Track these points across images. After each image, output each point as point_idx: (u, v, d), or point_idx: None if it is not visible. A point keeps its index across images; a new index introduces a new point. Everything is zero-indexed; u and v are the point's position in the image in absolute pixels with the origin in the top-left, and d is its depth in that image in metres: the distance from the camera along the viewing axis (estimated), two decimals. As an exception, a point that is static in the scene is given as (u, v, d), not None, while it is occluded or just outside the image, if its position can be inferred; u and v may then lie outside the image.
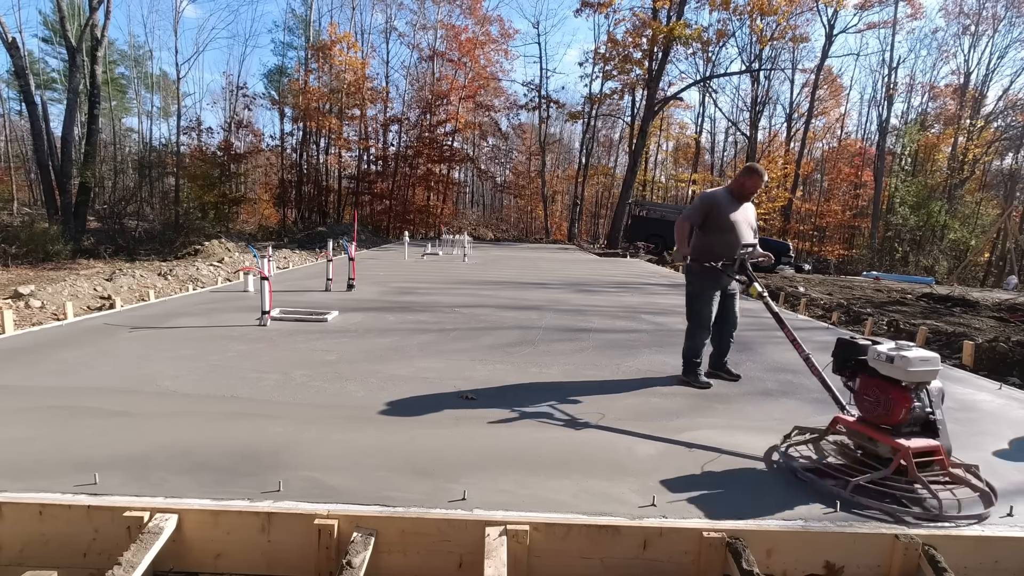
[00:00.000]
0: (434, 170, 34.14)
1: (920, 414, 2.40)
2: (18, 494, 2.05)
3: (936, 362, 2.37)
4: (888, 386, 2.41)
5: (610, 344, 5.15)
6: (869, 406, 2.52)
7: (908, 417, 2.38)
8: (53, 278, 10.48)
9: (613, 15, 31.13)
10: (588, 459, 2.59)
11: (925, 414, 2.41)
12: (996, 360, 5.39)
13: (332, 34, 30.69)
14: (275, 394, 3.37)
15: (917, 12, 31.44)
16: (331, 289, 8.02)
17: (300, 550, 1.97)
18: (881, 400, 2.44)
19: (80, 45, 20.38)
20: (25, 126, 27.22)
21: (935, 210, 27.82)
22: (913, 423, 2.41)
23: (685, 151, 43.14)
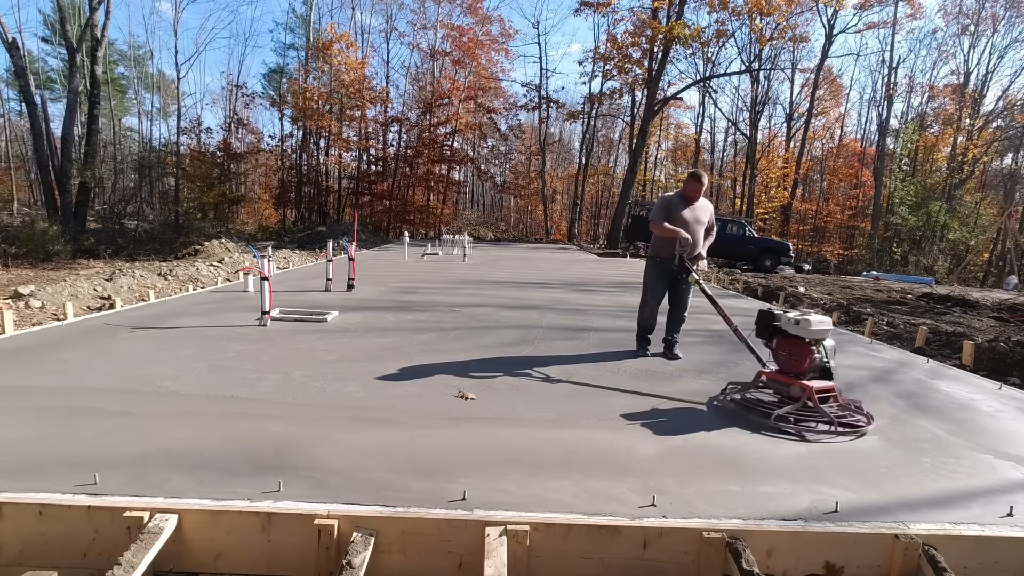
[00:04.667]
0: (434, 170, 34.14)
1: (819, 364, 3.21)
2: (18, 494, 2.04)
3: (829, 324, 3.17)
4: (797, 343, 3.23)
5: (610, 343, 5.15)
6: (783, 360, 3.31)
7: (811, 366, 3.20)
8: (53, 278, 10.48)
9: (612, 15, 31.18)
10: (588, 459, 2.59)
11: (823, 364, 3.22)
12: (996, 360, 5.39)
13: (331, 33, 30.69)
14: (275, 394, 3.37)
15: (917, 12, 31.50)
16: (331, 289, 8.02)
17: (300, 550, 1.97)
18: (792, 354, 3.25)
19: (80, 45, 20.38)
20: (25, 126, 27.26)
21: (935, 210, 27.83)
22: (814, 370, 3.22)
23: (684, 151, 43.15)
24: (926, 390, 4.08)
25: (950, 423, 3.34)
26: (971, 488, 2.46)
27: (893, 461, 2.72)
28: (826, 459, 2.71)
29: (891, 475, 2.55)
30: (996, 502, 2.31)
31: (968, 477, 2.58)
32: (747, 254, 21.20)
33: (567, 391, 3.68)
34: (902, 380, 4.35)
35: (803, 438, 2.92)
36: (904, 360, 5.10)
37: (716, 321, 6.67)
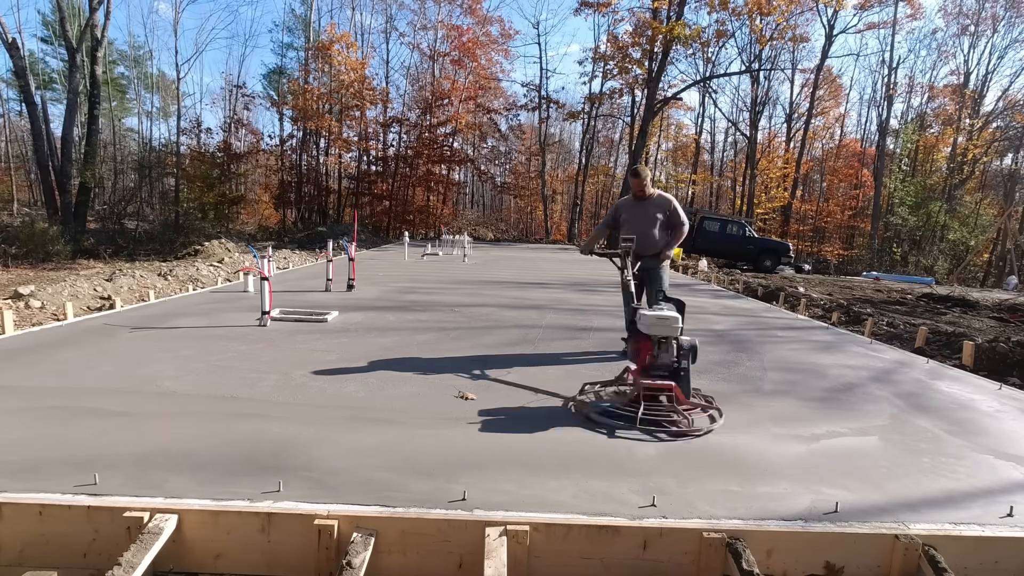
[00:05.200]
0: (434, 170, 34.13)
1: (667, 362, 3.13)
2: (18, 494, 2.04)
3: (673, 321, 3.09)
4: (640, 338, 3.20)
5: (610, 343, 5.15)
6: (631, 355, 3.34)
7: (653, 362, 3.14)
8: (53, 278, 10.48)
9: (612, 15, 31.19)
10: (588, 459, 2.59)
11: (672, 363, 3.12)
12: (996, 360, 5.39)
13: (331, 34, 30.69)
14: (275, 394, 3.37)
15: (917, 12, 31.51)
16: (331, 289, 8.02)
17: (300, 550, 1.97)
18: (635, 349, 3.25)
19: (80, 45, 20.38)
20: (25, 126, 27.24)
21: (934, 210, 27.84)
22: (662, 368, 3.13)
23: (685, 151, 43.16)
24: (926, 390, 4.08)
25: (950, 423, 3.34)
26: (971, 488, 2.46)
27: (893, 461, 2.72)
28: (826, 459, 2.71)
29: (891, 475, 2.55)
30: (996, 502, 2.31)
31: (968, 477, 2.58)
32: (747, 254, 21.21)
33: (567, 391, 3.68)
34: (902, 380, 4.35)
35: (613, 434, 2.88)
36: (904, 360, 5.10)
37: (716, 321, 6.69)
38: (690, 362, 3.16)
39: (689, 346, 3.17)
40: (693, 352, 3.18)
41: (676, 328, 3.10)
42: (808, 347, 5.46)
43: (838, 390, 3.96)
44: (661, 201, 4.59)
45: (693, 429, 2.93)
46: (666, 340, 3.13)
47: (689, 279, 13.12)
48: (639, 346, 3.19)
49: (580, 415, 3.15)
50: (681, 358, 3.12)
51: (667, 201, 4.60)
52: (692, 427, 2.94)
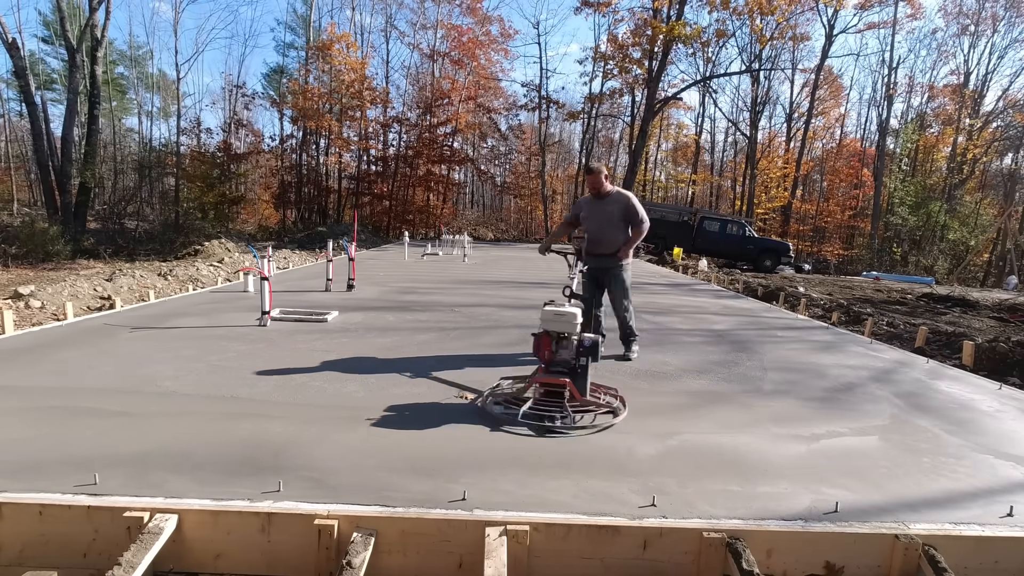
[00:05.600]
0: (434, 170, 34.13)
1: (566, 358, 3.11)
2: (18, 494, 2.04)
3: (571, 318, 3.07)
4: (540, 334, 3.18)
5: (610, 343, 5.14)
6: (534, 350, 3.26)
7: (552, 358, 3.12)
8: (53, 278, 10.48)
9: (612, 15, 31.20)
10: (588, 459, 2.59)
11: (571, 360, 3.09)
12: (996, 360, 5.39)
13: (331, 34, 30.69)
14: (275, 394, 3.37)
15: (917, 12, 31.52)
16: (331, 289, 8.02)
17: (300, 550, 1.96)
18: (537, 345, 3.21)
19: (80, 45, 20.38)
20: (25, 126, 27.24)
21: (935, 210, 27.84)
22: (561, 364, 3.12)
23: (685, 151, 43.16)
24: (926, 390, 4.08)
25: (950, 423, 3.34)
26: (971, 488, 2.46)
27: (893, 461, 2.72)
28: (826, 459, 2.71)
29: (891, 475, 2.55)
30: (996, 502, 2.31)
31: (968, 477, 2.58)
32: (747, 254, 21.22)
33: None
34: (902, 380, 4.35)
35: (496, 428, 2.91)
36: (904, 360, 5.10)
37: (716, 321, 6.69)
38: (590, 360, 3.13)
39: (589, 343, 3.13)
40: (593, 350, 3.13)
41: (574, 325, 3.08)
42: (808, 347, 5.46)
43: (838, 390, 3.96)
44: (619, 198, 4.40)
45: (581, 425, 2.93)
46: (566, 337, 3.13)
47: (689, 279, 13.12)
48: (540, 342, 3.19)
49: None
50: (580, 355, 3.10)
51: (626, 198, 4.41)
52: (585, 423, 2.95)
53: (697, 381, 4.04)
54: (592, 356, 3.14)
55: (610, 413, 3.13)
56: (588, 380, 3.16)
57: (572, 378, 3.09)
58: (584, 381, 3.12)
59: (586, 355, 3.10)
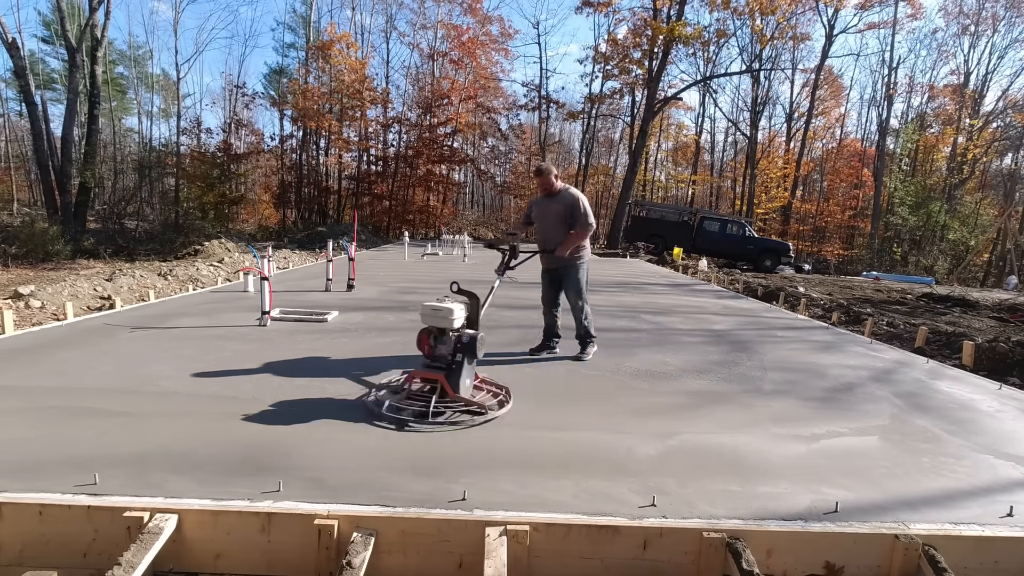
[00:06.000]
0: (434, 170, 34.14)
1: (444, 354, 3.11)
2: (18, 494, 2.04)
3: (447, 313, 3.06)
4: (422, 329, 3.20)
5: (610, 343, 5.15)
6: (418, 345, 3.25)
7: (432, 353, 3.14)
8: (53, 278, 10.48)
9: (613, 15, 31.20)
10: (588, 459, 2.59)
11: (448, 355, 3.08)
12: (996, 360, 5.39)
13: (331, 34, 30.69)
14: (275, 394, 3.37)
15: (917, 12, 31.50)
16: (331, 289, 8.02)
17: (300, 550, 1.97)
18: (418, 340, 3.21)
19: (80, 45, 20.38)
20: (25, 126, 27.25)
21: (935, 210, 27.84)
22: (439, 360, 3.12)
23: (685, 151, 43.17)
24: (926, 390, 4.08)
25: (950, 423, 3.34)
26: (971, 488, 2.46)
27: (893, 461, 2.72)
28: (826, 459, 2.71)
29: (891, 475, 2.55)
30: (996, 502, 2.31)
31: (968, 477, 2.58)
32: (747, 254, 21.23)
33: (567, 391, 3.68)
34: (902, 380, 4.35)
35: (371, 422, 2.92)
36: (904, 360, 5.10)
37: (716, 321, 6.69)
38: (467, 356, 3.08)
39: (467, 340, 3.08)
40: (470, 346, 3.08)
41: (450, 320, 3.06)
42: (808, 347, 5.46)
43: (838, 390, 3.96)
44: (566, 197, 4.35)
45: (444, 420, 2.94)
46: (443, 332, 3.12)
47: (689, 279, 13.12)
48: (420, 337, 3.20)
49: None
50: (456, 352, 3.07)
51: (572, 198, 4.32)
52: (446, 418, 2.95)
53: (697, 381, 4.04)
54: (468, 353, 3.08)
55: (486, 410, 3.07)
56: (463, 376, 3.08)
57: (447, 374, 3.05)
58: (457, 377, 3.05)
59: (462, 352, 3.06)
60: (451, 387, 3.03)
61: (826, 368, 4.59)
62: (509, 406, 3.20)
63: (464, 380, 3.09)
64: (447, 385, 3.03)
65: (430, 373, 3.09)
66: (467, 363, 3.09)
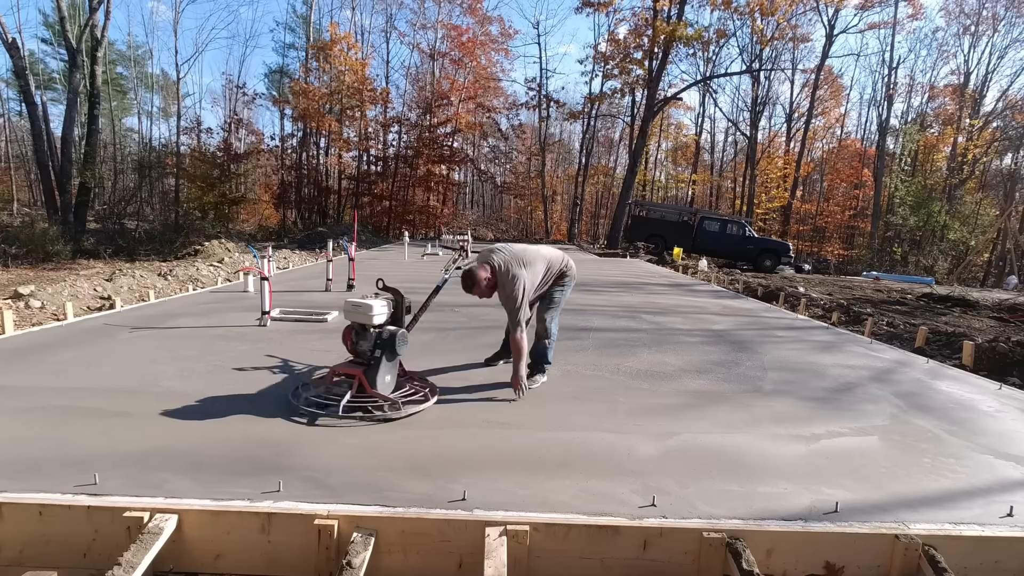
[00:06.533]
0: (434, 171, 34.14)
1: (365, 350, 3.13)
2: (18, 494, 2.04)
3: (366, 309, 3.08)
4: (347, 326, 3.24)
5: (610, 344, 5.15)
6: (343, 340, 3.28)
7: (355, 349, 3.18)
8: (53, 278, 10.48)
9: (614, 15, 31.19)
10: (588, 459, 2.59)
11: (369, 351, 3.10)
12: (996, 360, 5.39)
13: (332, 34, 30.69)
14: (275, 394, 3.37)
15: (918, 12, 31.47)
16: (331, 289, 8.01)
17: (300, 550, 1.97)
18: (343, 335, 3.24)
19: (80, 45, 20.37)
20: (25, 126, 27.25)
21: (935, 210, 27.84)
22: (361, 356, 3.15)
23: (684, 151, 43.17)
24: (926, 390, 4.08)
25: (950, 423, 3.34)
26: (971, 488, 2.46)
27: (893, 461, 2.72)
28: (826, 459, 2.71)
29: (891, 475, 2.55)
30: (996, 502, 2.31)
31: (968, 477, 2.58)
32: (747, 254, 21.23)
33: (567, 391, 3.68)
34: (902, 380, 4.35)
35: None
36: (904, 360, 5.10)
37: (716, 321, 6.69)
38: (386, 353, 3.08)
39: (387, 336, 3.08)
40: (389, 343, 3.08)
41: (370, 317, 3.08)
42: (808, 347, 5.46)
43: (838, 390, 3.96)
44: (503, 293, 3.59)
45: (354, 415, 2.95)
46: (363, 328, 3.14)
47: (689, 279, 13.12)
48: (344, 333, 3.25)
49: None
50: (375, 348, 3.09)
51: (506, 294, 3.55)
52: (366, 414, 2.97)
53: (697, 381, 4.04)
54: (387, 350, 3.07)
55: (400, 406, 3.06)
56: (381, 373, 3.08)
57: (365, 369, 3.07)
58: (374, 373, 3.06)
59: (381, 348, 3.08)
60: (368, 382, 3.05)
61: (826, 368, 4.58)
62: (430, 403, 3.21)
63: (383, 377, 3.10)
64: (364, 381, 3.06)
65: (348, 369, 3.13)
66: (386, 360, 3.10)
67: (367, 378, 3.06)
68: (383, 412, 3.00)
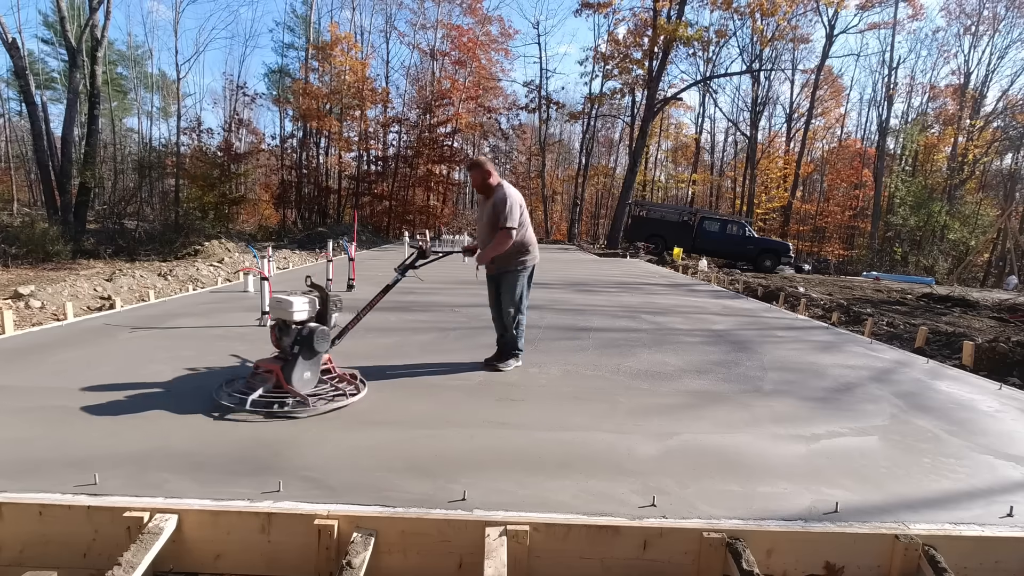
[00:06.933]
0: (434, 170, 34.14)
1: (286, 345, 3.16)
2: (18, 494, 2.04)
3: (287, 305, 3.10)
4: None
5: (610, 344, 5.15)
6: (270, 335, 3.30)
7: (280, 345, 3.20)
8: (53, 278, 10.48)
9: (613, 15, 31.21)
10: (588, 459, 2.59)
11: (290, 346, 3.13)
12: (996, 360, 5.39)
13: (332, 34, 30.70)
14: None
15: (918, 13, 31.50)
16: (331, 289, 8.00)
17: (300, 550, 1.97)
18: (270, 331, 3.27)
19: (80, 45, 20.37)
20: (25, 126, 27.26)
21: (935, 210, 27.84)
22: (284, 351, 3.18)
23: (684, 151, 43.18)
24: (926, 390, 4.08)
25: (950, 423, 3.34)
26: (971, 488, 2.46)
27: (893, 461, 2.72)
28: (826, 459, 2.71)
29: (891, 475, 2.55)
30: (996, 502, 2.31)
31: (968, 477, 2.58)
32: (747, 254, 21.24)
33: (567, 391, 3.68)
34: (902, 380, 4.35)
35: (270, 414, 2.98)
36: (904, 360, 5.10)
37: (716, 321, 6.69)
38: (304, 349, 3.09)
39: (306, 333, 3.11)
40: (308, 339, 3.10)
41: (290, 313, 3.11)
42: (808, 347, 5.46)
43: (838, 390, 3.96)
44: (496, 197, 3.94)
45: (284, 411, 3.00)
46: (286, 324, 3.17)
47: (689, 279, 13.12)
48: (271, 328, 3.28)
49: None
50: (294, 344, 3.12)
51: (499, 196, 3.90)
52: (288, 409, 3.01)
53: (697, 381, 4.04)
54: (305, 346, 3.09)
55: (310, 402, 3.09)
56: (298, 369, 3.10)
57: (283, 365, 3.10)
58: (291, 369, 3.08)
59: (299, 344, 3.10)
60: (284, 378, 3.08)
61: (826, 368, 4.58)
62: (355, 399, 3.24)
63: (302, 373, 3.12)
64: (280, 376, 3.09)
65: (268, 364, 3.17)
66: (303, 357, 3.11)
67: (284, 374, 3.09)
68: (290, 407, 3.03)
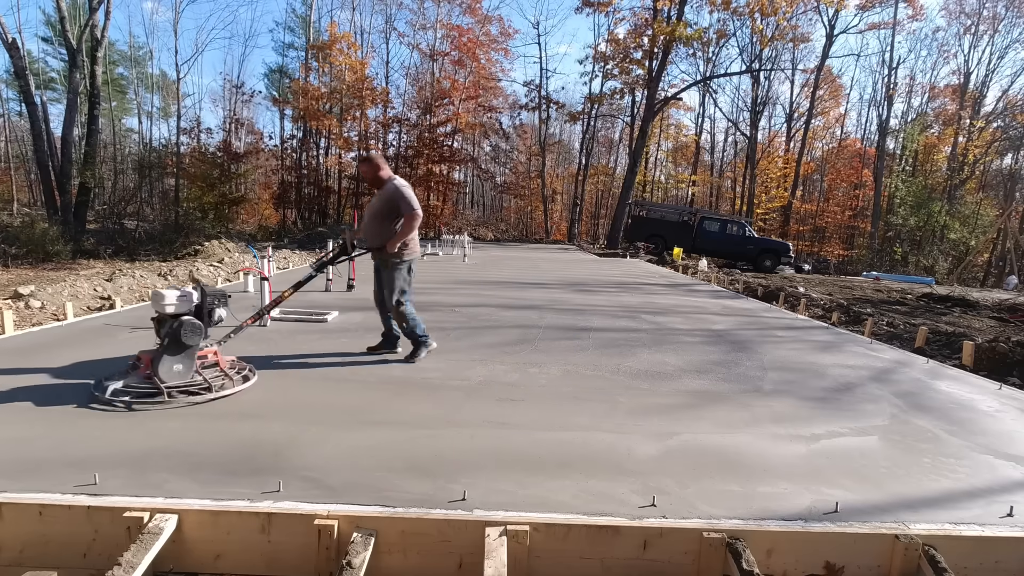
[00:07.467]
0: (434, 170, 34.13)
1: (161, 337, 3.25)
2: (18, 494, 2.04)
3: (159, 299, 3.19)
4: None
5: (610, 344, 5.15)
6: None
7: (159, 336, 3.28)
8: (53, 278, 10.48)
9: (614, 15, 31.21)
10: (588, 459, 2.59)
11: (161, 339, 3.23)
12: (996, 360, 5.39)
13: (332, 34, 30.69)
14: (275, 394, 3.37)
15: (918, 13, 31.47)
16: (331, 289, 8.01)
17: (300, 550, 1.97)
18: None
19: (80, 45, 20.37)
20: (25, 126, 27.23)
21: (935, 210, 27.84)
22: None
23: (684, 151, 43.17)
24: (926, 390, 4.08)
25: (950, 423, 3.34)
26: (971, 488, 2.46)
27: (893, 461, 2.72)
28: (826, 459, 2.71)
29: (891, 475, 2.55)
30: (996, 502, 2.31)
31: (968, 477, 2.58)
32: (747, 254, 21.25)
33: (567, 391, 3.68)
34: (902, 380, 4.35)
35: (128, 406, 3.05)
36: (904, 360, 5.10)
37: (716, 321, 6.69)
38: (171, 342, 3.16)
39: (176, 326, 3.18)
40: (175, 333, 3.16)
41: (162, 306, 3.21)
42: (808, 347, 5.46)
43: (838, 390, 3.96)
44: (386, 190, 4.10)
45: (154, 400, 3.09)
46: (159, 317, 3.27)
47: (689, 279, 13.12)
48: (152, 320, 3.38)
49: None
50: (165, 336, 3.20)
51: (391, 189, 4.06)
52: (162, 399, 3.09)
53: (697, 381, 4.04)
54: (173, 339, 3.15)
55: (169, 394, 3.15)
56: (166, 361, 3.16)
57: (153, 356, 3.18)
58: (158, 361, 3.15)
59: (169, 337, 3.17)
60: (152, 369, 3.16)
61: (826, 368, 4.59)
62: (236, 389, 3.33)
63: (171, 365, 3.20)
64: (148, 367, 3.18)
65: (144, 355, 3.26)
66: (170, 350, 3.18)
67: (152, 366, 3.18)
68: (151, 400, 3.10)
